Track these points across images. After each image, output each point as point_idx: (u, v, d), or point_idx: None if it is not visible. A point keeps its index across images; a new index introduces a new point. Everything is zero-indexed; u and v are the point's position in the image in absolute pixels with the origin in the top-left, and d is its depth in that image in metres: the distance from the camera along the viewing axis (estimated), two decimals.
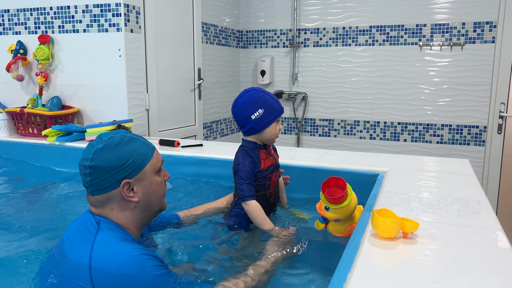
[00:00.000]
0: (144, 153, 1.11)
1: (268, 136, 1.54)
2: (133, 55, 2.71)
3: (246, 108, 1.50)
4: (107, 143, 1.07)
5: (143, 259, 0.99)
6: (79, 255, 1.00)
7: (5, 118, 2.84)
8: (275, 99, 1.53)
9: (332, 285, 0.85)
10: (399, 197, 1.42)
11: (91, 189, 1.08)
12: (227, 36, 3.95)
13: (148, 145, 1.14)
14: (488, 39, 3.37)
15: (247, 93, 1.53)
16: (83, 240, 1.02)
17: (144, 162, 1.10)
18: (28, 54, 2.93)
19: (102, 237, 1.02)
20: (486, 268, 0.89)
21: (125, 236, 1.06)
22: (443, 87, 3.55)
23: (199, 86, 3.42)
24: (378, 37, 3.70)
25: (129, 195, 1.08)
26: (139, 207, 1.11)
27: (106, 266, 0.97)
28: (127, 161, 1.07)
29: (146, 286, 0.96)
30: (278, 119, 1.53)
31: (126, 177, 1.07)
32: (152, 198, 1.13)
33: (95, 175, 1.05)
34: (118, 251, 1.00)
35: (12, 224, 1.73)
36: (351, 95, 3.85)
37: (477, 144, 3.52)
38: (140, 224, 1.15)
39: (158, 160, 1.15)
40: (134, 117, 2.73)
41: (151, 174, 1.12)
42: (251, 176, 1.48)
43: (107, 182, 1.06)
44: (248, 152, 1.53)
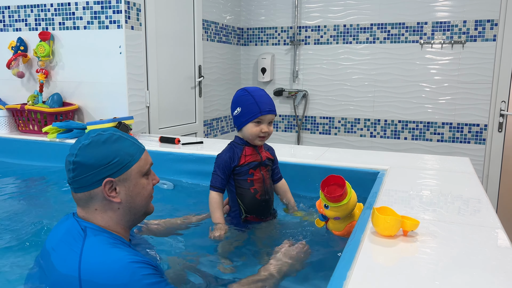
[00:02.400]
0: (132, 154, 1.07)
1: (247, 135, 1.55)
2: (133, 52, 2.70)
3: (232, 106, 1.59)
4: (94, 139, 1.04)
5: (134, 267, 0.95)
6: (67, 267, 0.96)
7: (5, 115, 2.84)
8: (258, 100, 1.51)
9: (332, 282, 0.85)
10: (400, 195, 1.42)
11: (74, 185, 1.04)
12: (228, 34, 3.94)
13: (138, 146, 1.10)
14: (490, 37, 3.37)
15: (238, 90, 1.58)
16: (69, 251, 0.98)
17: (130, 163, 1.06)
18: (28, 51, 2.93)
19: (90, 246, 0.98)
20: (486, 266, 0.89)
21: (113, 240, 1.02)
22: (444, 85, 3.54)
23: (199, 83, 3.42)
24: (379, 35, 3.69)
25: (110, 194, 1.04)
26: (122, 209, 1.07)
27: (96, 277, 0.93)
28: (112, 160, 1.03)
29: None
30: (254, 120, 1.51)
31: (110, 176, 1.03)
32: (136, 200, 1.08)
33: (78, 171, 1.02)
34: (107, 260, 0.96)
35: (10, 222, 1.73)
36: (351, 93, 3.84)
37: (478, 142, 3.52)
38: (127, 226, 1.10)
39: (146, 163, 1.11)
40: (134, 114, 2.73)
41: (137, 176, 1.08)
42: (224, 169, 1.54)
43: (90, 179, 1.02)
44: (232, 146, 1.59)
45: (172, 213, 1.83)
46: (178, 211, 1.85)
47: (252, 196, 1.57)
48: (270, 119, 1.54)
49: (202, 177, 2.14)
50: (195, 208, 1.86)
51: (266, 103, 1.53)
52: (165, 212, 1.88)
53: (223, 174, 1.54)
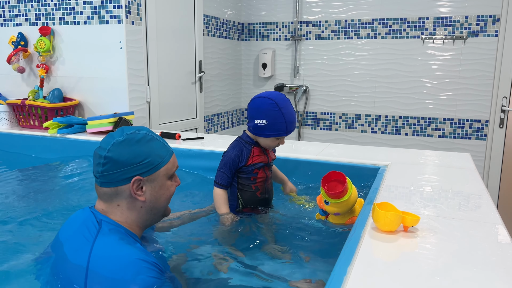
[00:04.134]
0: (162, 156, 1.09)
1: (263, 144, 1.57)
2: (134, 47, 2.70)
3: (255, 110, 1.53)
4: (128, 137, 1.05)
5: (141, 265, 0.95)
6: (78, 258, 0.97)
7: (6, 110, 2.84)
8: (287, 120, 1.50)
9: (333, 277, 0.85)
10: (400, 190, 1.42)
11: (101, 180, 1.05)
12: (229, 29, 3.93)
13: (167, 148, 1.13)
14: (491, 33, 3.35)
15: (266, 98, 1.51)
16: (82, 242, 0.99)
17: (160, 165, 1.09)
18: (29, 46, 2.92)
19: (103, 239, 1.00)
20: (487, 262, 0.89)
21: (127, 236, 1.04)
22: (445, 80, 3.53)
23: (200, 78, 3.41)
24: (380, 30, 3.68)
25: (137, 192, 1.06)
26: (145, 208, 1.09)
27: (102, 269, 0.94)
28: (143, 160, 1.05)
29: None
30: (277, 137, 1.53)
31: (139, 174, 1.05)
32: (159, 201, 1.11)
33: (109, 166, 1.03)
34: (116, 254, 0.97)
35: (10, 216, 1.73)
36: (352, 88, 3.84)
37: (479, 138, 3.52)
38: (144, 225, 1.12)
39: (173, 166, 1.14)
40: (135, 110, 2.73)
41: (164, 178, 1.11)
42: (231, 167, 1.55)
43: (119, 176, 1.04)
44: (240, 145, 1.58)
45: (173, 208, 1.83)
46: (179, 206, 1.86)
47: (253, 193, 1.58)
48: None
49: (202, 172, 2.14)
50: (196, 203, 1.87)
51: (293, 122, 1.52)
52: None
53: (229, 173, 1.55)
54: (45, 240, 1.42)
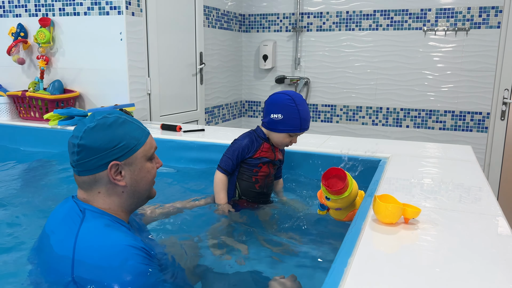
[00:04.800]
0: (137, 138, 1.05)
1: (276, 140, 1.59)
2: (134, 38, 2.68)
3: (272, 105, 1.57)
4: (99, 122, 1.02)
5: (129, 252, 0.94)
6: (63, 248, 0.96)
7: (6, 102, 2.83)
8: (302, 117, 1.54)
9: (333, 269, 0.85)
10: (401, 183, 1.42)
11: (78, 168, 1.02)
12: (229, 20, 3.91)
13: (143, 129, 1.09)
14: (494, 24, 3.33)
15: (284, 94, 1.57)
16: (68, 232, 0.97)
17: (136, 147, 1.05)
18: (29, 37, 2.91)
19: (87, 227, 0.98)
20: (487, 254, 0.90)
21: (112, 222, 1.01)
22: (447, 73, 3.52)
23: (200, 70, 3.40)
24: (382, 22, 3.65)
25: (116, 178, 1.03)
26: (126, 192, 1.06)
27: (89, 258, 0.93)
28: (118, 144, 1.01)
29: (125, 281, 0.91)
30: (291, 133, 1.56)
31: (115, 159, 1.01)
32: (141, 184, 1.08)
33: (83, 154, 1.00)
34: (102, 241, 0.95)
35: (10, 207, 1.74)
36: (354, 80, 3.82)
37: (480, 131, 3.51)
38: (129, 210, 1.10)
39: (151, 147, 1.10)
40: (135, 102, 2.73)
41: (142, 160, 1.07)
42: (238, 155, 1.57)
43: (95, 163, 1.00)
44: (252, 137, 1.60)
45: (172, 200, 1.84)
46: (179, 198, 1.86)
47: (251, 184, 1.59)
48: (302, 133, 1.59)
49: (203, 164, 2.14)
50: (197, 193, 1.87)
51: (307, 120, 1.56)
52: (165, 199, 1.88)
53: (235, 160, 1.57)
54: None
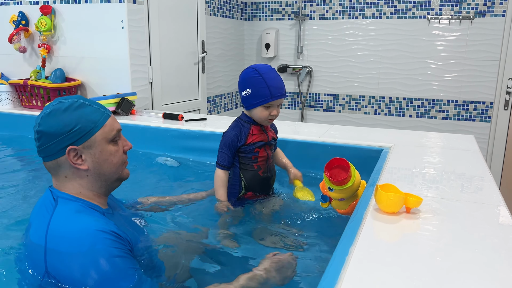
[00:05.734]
0: (94, 121, 1.04)
1: (256, 117, 1.54)
2: (136, 27, 2.67)
3: (240, 84, 1.54)
4: (55, 108, 1.02)
5: (99, 236, 0.94)
6: (37, 237, 0.97)
7: (8, 90, 2.83)
8: (269, 84, 1.47)
9: (335, 258, 0.86)
10: (403, 172, 1.42)
11: (41, 154, 1.04)
12: (231, 8, 3.87)
13: (101, 112, 1.07)
14: (499, 13, 3.29)
15: (247, 69, 1.53)
16: (41, 221, 0.99)
17: (93, 130, 1.04)
18: (30, 25, 2.90)
19: (58, 214, 0.98)
20: (488, 243, 0.90)
21: (83, 207, 1.02)
22: (450, 62, 3.49)
23: (202, 59, 3.38)
24: (385, 10, 3.62)
25: (76, 162, 1.03)
26: (91, 176, 1.05)
27: (59, 245, 0.94)
28: (73, 128, 1.01)
29: (96, 266, 0.92)
30: (265, 104, 1.48)
31: (72, 143, 1.01)
32: (104, 167, 1.07)
33: (43, 140, 1.02)
34: (71, 227, 0.96)
35: (12, 196, 1.75)
36: (356, 69, 3.80)
37: (483, 120, 3.50)
38: (101, 192, 1.09)
39: (111, 129, 1.07)
40: (137, 90, 2.72)
41: (102, 143, 1.05)
42: (231, 147, 1.54)
43: (54, 148, 1.02)
44: (239, 124, 1.57)
45: (175, 190, 1.84)
46: (181, 187, 1.87)
47: (255, 173, 1.57)
48: (279, 103, 1.52)
49: (205, 154, 2.14)
50: (198, 185, 1.88)
51: (277, 87, 1.48)
52: (168, 188, 1.89)
53: (229, 152, 1.55)
54: None
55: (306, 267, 1.19)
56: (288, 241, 1.36)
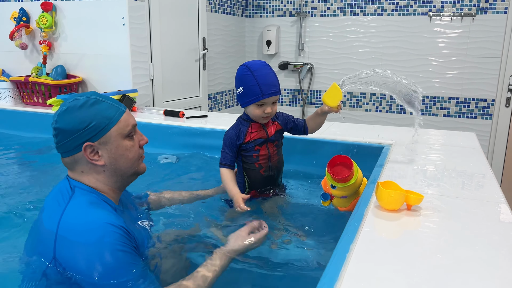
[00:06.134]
0: (109, 117, 1.06)
1: (251, 115, 1.52)
2: (137, 23, 2.66)
3: (235, 82, 1.53)
4: (70, 105, 1.04)
5: (106, 229, 0.96)
6: (50, 223, 0.99)
7: (9, 87, 2.83)
8: (260, 82, 1.44)
9: (335, 255, 0.86)
10: (404, 169, 1.42)
11: (58, 150, 1.07)
12: (232, 5, 3.87)
13: (116, 108, 1.09)
14: (501, 10, 3.28)
15: (240, 66, 1.51)
16: (56, 208, 1.01)
17: (108, 126, 1.05)
18: (31, 22, 2.89)
19: (73, 203, 1.01)
20: (489, 240, 0.90)
21: (99, 200, 1.04)
22: (452, 59, 3.48)
23: (203, 56, 3.38)
24: (387, 7, 3.61)
25: (93, 158, 1.05)
26: (107, 171, 1.08)
27: (69, 233, 0.96)
28: (88, 124, 1.03)
29: (101, 258, 0.94)
30: (257, 102, 1.46)
31: (88, 140, 1.03)
32: (120, 162, 1.08)
33: (60, 137, 1.04)
34: (83, 218, 0.98)
35: (13, 192, 1.75)
36: (358, 66, 3.79)
37: (484, 118, 3.49)
38: (116, 187, 1.12)
39: (126, 124, 1.09)
40: (138, 87, 2.72)
41: (118, 138, 1.07)
42: (231, 146, 1.53)
43: (71, 144, 1.04)
44: (238, 122, 1.57)
45: (175, 186, 1.84)
46: (181, 183, 1.87)
47: (257, 171, 1.57)
48: (273, 100, 1.48)
49: (206, 150, 2.14)
50: (199, 181, 1.88)
51: (268, 85, 1.45)
52: (167, 185, 1.89)
53: (230, 151, 1.54)
54: None
55: (307, 264, 1.20)
56: (288, 237, 1.36)
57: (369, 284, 0.73)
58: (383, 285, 0.73)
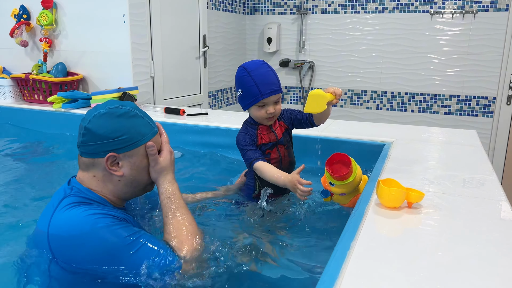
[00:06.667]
0: (143, 133, 1.07)
1: (255, 117, 1.46)
2: (137, 21, 2.66)
3: (235, 85, 1.48)
4: (110, 111, 1.05)
5: (96, 217, 0.96)
6: (42, 224, 1.00)
7: (10, 84, 2.83)
8: (257, 82, 1.38)
9: (336, 252, 0.86)
10: (405, 167, 1.42)
11: (81, 149, 1.07)
12: (233, 2, 3.86)
13: (151, 127, 1.10)
14: (502, 7, 3.27)
15: (238, 68, 1.45)
16: (50, 209, 1.02)
17: (139, 142, 1.06)
18: (31, 19, 2.89)
19: (63, 203, 1.01)
20: (490, 238, 0.90)
21: (88, 200, 1.04)
22: (453, 56, 3.48)
23: (204, 53, 3.38)
24: (388, 4, 3.60)
25: (112, 168, 1.05)
26: (123, 182, 1.08)
27: (60, 230, 0.97)
28: (120, 136, 1.03)
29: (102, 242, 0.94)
30: (257, 103, 1.40)
31: (114, 150, 1.04)
32: (140, 176, 1.10)
33: (88, 137, 1.04)
34: (72, 214, 0.98)
35: (13, 189, 1.75)
36: (358, 64, 3.79)
37: (485, 115, 3.49)
38: (123, 197, 1.12)
39: (155, 146, 1.11)
40: (139, 85, 2.72)
41: (144, 155, 1.08)
42: (251, 143, 1.45)
43: (96, 148, 1.04)
44: (247, 127, 1.50)
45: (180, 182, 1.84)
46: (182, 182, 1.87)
47: None
48: (275, 100, 1.42)
49: (207, 148, 2.14)
50: (198, 180, 1.88)
51: (267, 84, 1.39)
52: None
53: (254, 147, 1.45)
54: None
55: (308, 262, 1.20)
56: (289, 235, 1.36)
57: (369, 282, 0.73)
58: (383, 283, 0.73)
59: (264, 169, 1.39)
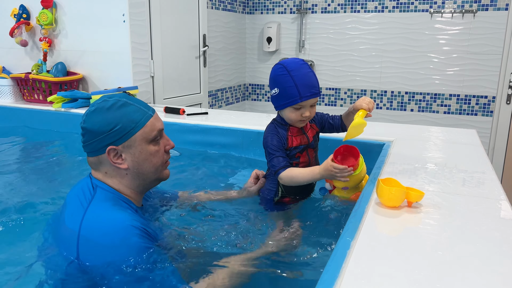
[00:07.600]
0: (135, 120, 1.05)
1: (287, 119, 1.38)
2: (137, 20, 2.66)
3: (270, 81, 1.38)
4: (99, 106, 1.05)
5: (129, 232, 0.96)
6: (72, 222, 1.00)
7: (10, 84, 2.83)
8: (298, 83, 1.29)
9: (336, 251, 0.86)
10: (405, 166, 1.42)
11: (85, 150, 1.08)
12: (233, 1, 3.86)
13: (143, 112, 1.07)
14: (502, 6, 3.27)
15: (276, 65, 1.36)
16: (78, 207, 1.02)
17: (134, 130, 1.04)
18: (31, 19, 2.89)
19: (95, 204, 1.01)
20: (490, 237, 0.90)
21: (120, 203, 1.05)
22: (453, 56, 3.48)
23: (204, 53, 3.37)
24: (387, 4, 3.60)
25: (116, 161, 1.05)
26: (130, 174, 1.08)
27: (92, 234, 0.97)
28: (114, 127, 1.02)
29: (126, 258, 0.95)
30: (294, 105, 1.32)
31: (112, 143, 1.03)
32: (144, 167, 1.08)
33: (86, 137, 1.05)
34: (106, 220, 0.98)
35: (16, 189, 1.75)
36: (358, 63, 3.79)
37: (485, 115, 3.49)
38: (138, 191, 1.11)
39: (152, 129, 1.08)
40: (139, 84, 2.72)
41: (142, 143, 1.06)
42: (280, 149, 1.37)
43: (96, 145, 1.04)
44: (276, 127, 1.41)
45: (179, 181, 1.84)
46: (183, 182, 1.87)
47: None
48: (312, 103, 1.34)
49: (206, 148, 2.14)
50: (198, 179, 1.88)
51: (308, 86, 1.30)
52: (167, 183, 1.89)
53: (283, 154, 1.37)
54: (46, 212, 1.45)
55: (308, 261, 1.20)
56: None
57: (369, 281, 0.73)
58: (383, 282, 0.73)
59: (294, 174, 1.33)
